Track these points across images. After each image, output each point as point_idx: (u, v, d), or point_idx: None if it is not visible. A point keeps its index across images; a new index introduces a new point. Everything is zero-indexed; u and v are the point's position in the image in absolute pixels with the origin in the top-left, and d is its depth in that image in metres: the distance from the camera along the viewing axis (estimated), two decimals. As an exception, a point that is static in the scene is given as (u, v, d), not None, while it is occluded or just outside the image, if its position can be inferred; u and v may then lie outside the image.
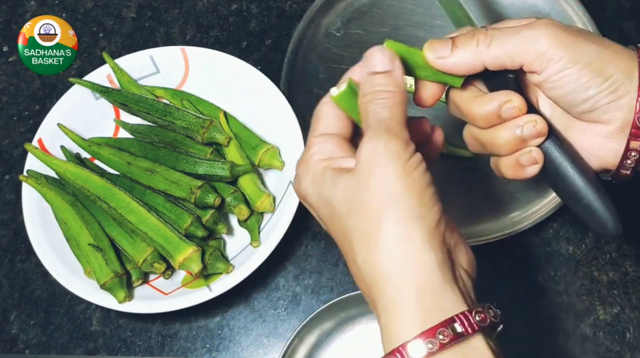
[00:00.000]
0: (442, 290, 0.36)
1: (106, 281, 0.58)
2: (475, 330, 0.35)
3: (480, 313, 0.36)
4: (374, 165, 0.38)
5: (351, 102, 0.42)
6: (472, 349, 0.36)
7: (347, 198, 0.38)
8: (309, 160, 0.41)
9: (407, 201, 0.37)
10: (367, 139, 0.39)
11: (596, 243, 0.64)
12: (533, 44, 0.41)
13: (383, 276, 0.37)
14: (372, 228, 0.37)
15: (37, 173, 0.64)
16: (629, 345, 0.61)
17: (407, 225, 0.37)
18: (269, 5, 0.77)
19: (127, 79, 0.68)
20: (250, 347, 0.62)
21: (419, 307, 0.36)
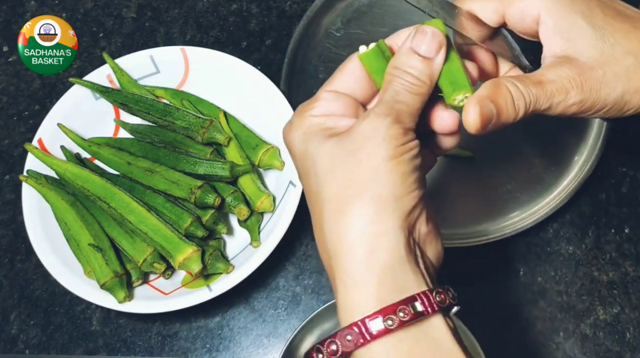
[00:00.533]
0: (405, 270, 0.37)
1: (106, 281, 0.58)
2: (435, 310, 0.36)
3: (441, 293, 0.37)
4: (370, 138, 0.38)
5: (377, 64, 0.40)
6: (431, 327, 0.36)
7: (332, 159, 0.38)
8: (308, 112, 0.41)
9: (390, 180, 0.37)
10: (375, 113, 0.38)
11: (596, 244, 0.64)
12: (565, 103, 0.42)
13: (347, 250, 0.37)
14: (348, 198, 0.37)
15: (37, 173, 0.64)
16: (629, 345, 0.61)
17: (384, 203, 0.37)
18: (269, 5, 0.77)
19: (127, 79, 0.68)
20: (250, 347, 0.62)
21: (380, 285, 0.36)
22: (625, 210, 0.66)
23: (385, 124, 0.38)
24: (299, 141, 0.40)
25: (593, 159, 0.65)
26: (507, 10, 0.43)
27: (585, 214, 0.66)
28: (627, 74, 0.41)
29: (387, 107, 0.39)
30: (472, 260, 0.64)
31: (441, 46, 0.39)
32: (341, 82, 0.42)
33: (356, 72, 0.42)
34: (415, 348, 0.35)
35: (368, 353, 0.35)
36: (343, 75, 0.42)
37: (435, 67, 0.40)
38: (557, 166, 0.67)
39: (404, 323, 0.35)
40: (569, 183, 0.65)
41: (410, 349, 0.35)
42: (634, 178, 0.67)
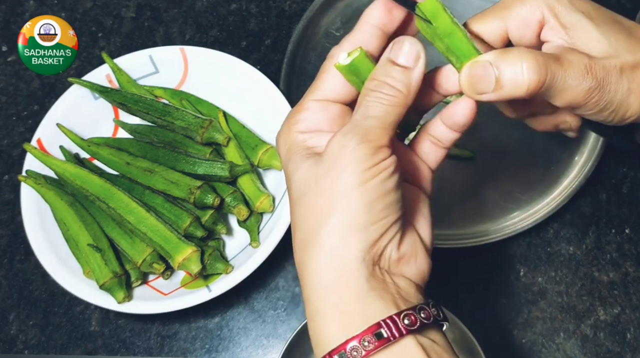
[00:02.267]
0: (370, 298, 0.36)
1: (105, 281, 0.58)
2: (403, 334, 0.35)
3: (410, 316, 0.36)
4: (336, 161, 0.36)
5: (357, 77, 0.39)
6: (404, 350, 0.35)
7: (303, 185, 0.37)
8: (293, 126, 0.40)
9: (355, 210, 0.36)
10: (341, 133, 0.37)
11: (597, 244, 0.64)
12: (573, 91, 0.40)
13: (312, 282, 0.36)
14: (314, 227, 0.36)
15: (36, 173, 0.64)
16: (630, 345, 0.61)
17: (347, 234, 0.36)
18: (269, 5, 0.77)
19: (126, 78, 0.68)
20: (250, 348, 0.62)
21: (345, 318, 0.36)
22: (626, 211, 0.66)
23: (352, 143, 0.36)
24: (284, 158, 0.40)
25: (593, 159, 0.64)
26: (509, 24, 0.42)
27: (585, 214, 0.66)
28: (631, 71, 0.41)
29: (354, 125, 0.37)
30: (473, 260, 0.64)
31: (419, 55, 0.38)
32: (326, 88, 0.40)
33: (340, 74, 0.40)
34: None
35: None
36: (327, 79, 0.40)
37: (414, 76, 0.38)
38: (557, 166, 0.67)
39: (370, 352, 0.34)
40: (569, 184, 0.64)
41: None
42: (635, 178, 0.67)
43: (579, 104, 0.41)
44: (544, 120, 0.47)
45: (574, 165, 0.66)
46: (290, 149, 0.39)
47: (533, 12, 0.41)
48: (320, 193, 0.36)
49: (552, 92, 0.40)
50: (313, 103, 0.40)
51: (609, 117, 0.42)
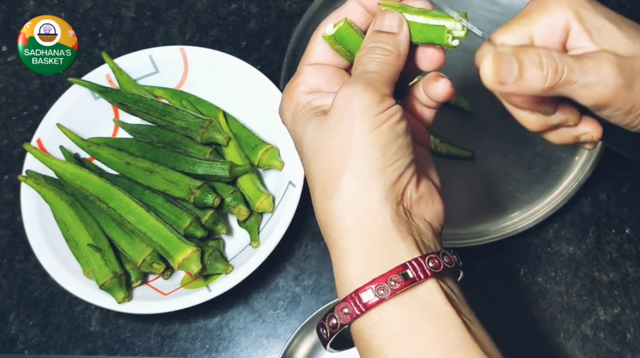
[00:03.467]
0: (395, 240, 0.37)
1: (105, 281, 0.58)
2: (428, 276, 0.36)
3: (433, 259, 0.37)
4: (344, 112, 0.38)
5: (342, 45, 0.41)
6: (425, 292, 0.36)
7: (315, 142, 0.39)
8: (294, 90, 0.42)
9: (371, 153, 0.37)
10: (346, 85, 0.39)
11: (597, 244, 0.64)
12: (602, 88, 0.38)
13: (337, 226, 0.38)
14: (332, 177, 0.38)
15: (36, 173, 0.64)
16: (630, 345, 0.61)
17: (366, 178, 0.37)
18: (269, 5, 0.77)
19: (126, 78, 0.68)
20: (250, 348, 0.62)
21: (371, 258, 0.37)
22: (626, 211, 0.66)
23: (357, 91, 0.38)
24: (290, 124, 0.41)
25: (593, 159, 0.64)
26: (534, 32, 0.41)
27: (585, 214, 0.66)
28: None
29: (357, 78, 0.39)
30: (472, 260, 0.64)
31: (402, 21, 0.41)
32: (318, 52, 0.42)
33: None
34: (410, 313, 0.36)
35: (364, 322, 0.36)
36: (318, 45, 0.42)
37: (401, 39, 0.41)
38: (557, 166, 0.67)
39: (396, 291, 0.36)
40: (570, 184, 0.64)
41: (405, 315, 0.36)
42: (635, 178, 0.67)
43: (607, 102, 0.39)
44: (565, 132, 0.45)
45: (574, 165, 0.66)
46: (295, 112, 0.41)
47: (557, 18, 0.41)
48: (334, 144, 0.38)
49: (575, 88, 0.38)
50: (307, 67, 0.42)
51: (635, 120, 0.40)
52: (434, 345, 0.36)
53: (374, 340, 0.36)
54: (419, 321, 0.36)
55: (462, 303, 0.38)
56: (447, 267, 0.38)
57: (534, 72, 0.37)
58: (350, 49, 0.42)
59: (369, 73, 0.39)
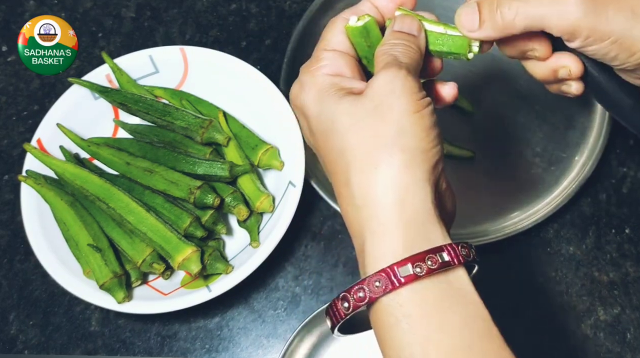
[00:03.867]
0: (432, 221, 0.38)
1: (105, 281, 0.58)
2: (461, 262, 0.37)
3: (465, 248, 0.38)
4: (389, 93, 0.38)
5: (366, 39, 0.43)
6: (456, 278, 0.37)
7: (353, 115, 0.39)
8: (317, 71, 0.42)
9: (416, 133, 0.38)
10: (387, 69, 0.39)
11: (597, 244, 0.64)
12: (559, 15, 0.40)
13: (377, 201, 0.37)
14: (376, 151, 0.38)
15: (36, 173, 0.64)
16: (630, 345, 0.61)
17: (413, 155, 0.38)
18: (269, 5, 0.77)
19: (126, 78, 0.68)
20: (250, 348, 0.62)
21: (409, 235, 0.37)
22: (626, 211, 0.66)
23: (401, 76, 0.39)
24: (313, 102, 0.41)
25: (593, 159, 0.64)
26: None
27: (585, 214, 0.66)
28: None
29: (395, 64, 0.40)
30: (472, 260, 0.64)
31: (421, 27, 0.43)
32: (338, 41, 0.43)
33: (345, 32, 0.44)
34: (441, 296, 0.36)
35: (395, 298, 0.36)
36: (336, 35, 0.43)
37: (420, 41, 0.43)
38: (557, 166, 0.67)
39: (432, 271, 0.36)
40: (570, 184, 0.64)
41: (436, 296, 0.36)
42: (635, 178, 0.67)
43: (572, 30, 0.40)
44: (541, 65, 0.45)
45: (574, 165, 0.66)
46: (321, 90, 0.41)
47: None
48: (379, 120, 0.38)
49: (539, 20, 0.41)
50: (327, 52, 0.43)
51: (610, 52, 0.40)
52: (461, 331, 0.36)
53: (403, 317, 0.36)
54: (448, 305, 0.36)
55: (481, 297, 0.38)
56: (475, 258, 0.38)
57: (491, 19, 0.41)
58: (370, 44, 0.43)
59: (404, 63, 0.40)
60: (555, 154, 0.67)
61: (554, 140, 0.68)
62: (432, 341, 0.35)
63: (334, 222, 0.66)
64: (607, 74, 0.45)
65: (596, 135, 0.66)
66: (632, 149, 0.68)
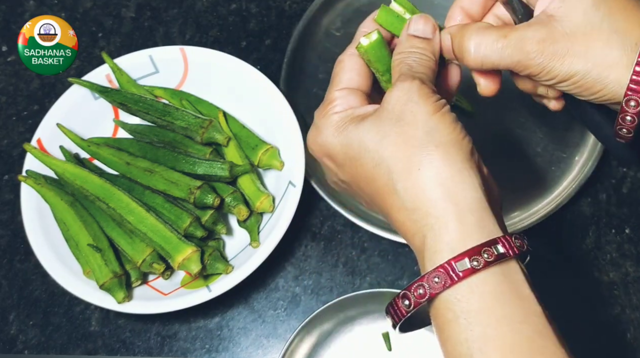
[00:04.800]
0: (484, 211, 0.38)
1: (105, 281, 0.58)
2: (516, 254, 0.37)
3: (518, 239, 0.38)
4: (407, 101, 0.40)
5: (379, 53, 0.45)
6: (510, 271, 0.37)
7: (379, 130, 0.40)
8: (330, 111, 0.44)
9: (444, 129, 0.39)
10: (400, 82, 0.41)
11: (597, 244, 0.64)
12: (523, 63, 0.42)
13: (428, 198, 0.38)
14: (412, 154, 0.39)
15: (36, 173, 0.64)
16: (630, 345, 0.61)
17: (448, 148, 0.39)
18: (269, 5, 0.77)
19: (126, 78, 0.68)
20: (250, 348, 0.62)
21: (464, 226, 0.37)
22: (626, 211, 0.66)
23: (415, 85, 0.41)
24: (334, 136, 0.43)
25: (593, 159, 0.64)
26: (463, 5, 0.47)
27: (585, 214, 0.66)
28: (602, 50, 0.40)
29: (408, 75, 0.42)
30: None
31: (435, 28, 0.45)
32: (348, 79, 0.45)
33: (356, 67, 0.45)
34: (497, 288, 0.36)
35: (454, 293, 0.36)
36: (346, 72, 0.45)
37: (435, 44, 0.44)
38: (557, 166, 0.67)
39: (488, 264, 0.36)
40: (570, 184, 0.64)
41: (493, 289, 0.36)
42: (635, 178, 0.67)
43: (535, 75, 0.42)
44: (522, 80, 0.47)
45: (574, 165, 0.66)
46: (339, 124, 0.43)
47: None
48: (405, 126, 0.40)
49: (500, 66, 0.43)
50: (338, 92, 0.44)
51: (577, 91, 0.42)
52: (520, 326, 0.36)
53: (461, 313, 0.36)
54: (506, 299, 0.36)
55: (535, 290, 0.38)
56: (529, 249, 0.38)
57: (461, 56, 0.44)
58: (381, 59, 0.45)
59: (418, 73, 0.42)
60: (555, 154, 0.67)
61: (554, 140, 0.68)
62: (490, 338, 0.35)
63: (333, 222, 0.66)
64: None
65: (596, 135, 0.66)
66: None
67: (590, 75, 0.40)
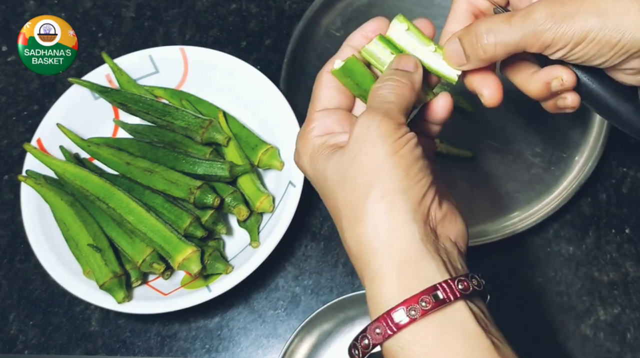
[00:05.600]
0: (425, 259, 0.38)
1: (105, 281, 0.58)
2: (457, 297, 0.37)
3: (463, 281, 0.38)
4: (365, 140, 0.39)
5: (351, 78, 0.44)
6: (455, 313, 0.37)
7: (338, 172, 0.40)
8: (308, 135, 0.44)
9: (394, 175, 0.39)
10: (364, 115, 0.41)
11: (597, 244, 0.64)
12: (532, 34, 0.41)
13: (367, 250, 0.39)
14: (359, 202, 0.39)
15: (36, 173, 0.64)
16: (630, 345, 0.61)
17: (393, 198, 0.38)
18: (269, 5, 0.77)
19: (126, 78, 0.68)
20: (250, 348, 0.62)
21: (402, 278, 0.38)
22: (626, 211, 0.66)
23: (376, 121, 0.40)
24: (309, 165, 0.43)
25: (593, 159, 0.64)
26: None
27: (585, 214, 0.66)
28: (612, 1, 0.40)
29: (375, 108, 0.41)
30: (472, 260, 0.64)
31: (417, 65, 0.44)
32: (326, 98, 0.45)
33: (334, 83, 0.45)
34: (441, 333, 0.37)
35: (396, 342, 0.37)
36: (325, 90, 0.45)
37: (415, 77, 0.43)
38: (557, 166, 0.67)
39: (427, 311, 0.36)
40: (570, 184, 0.64)
41: (436, 334, 0.37)
42: (635, 178, 0.67)
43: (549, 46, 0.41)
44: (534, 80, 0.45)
45: (574, 165, 0.66)
46: (313, 153, 0.43)
47: None
48: (357, 170, 0.39)
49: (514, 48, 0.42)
50: (317, 114, 0.44)
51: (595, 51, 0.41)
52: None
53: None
54: (449, 341, 0.37)
55: (491, 324, 0.39)
56: (476, 289, 0.39)
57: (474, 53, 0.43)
58: (358, 82, 0.44)
59: (386, 103, 0.41)
60: (555, 154, 0.67)
61: (554, 140, 0.68)
62: None
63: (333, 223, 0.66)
64: (601, 81, 0.45)
65: (596, 135, 0.66)
66: (632, 148, 0.68)
67: (606, 27, 0.39)
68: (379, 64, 0.45)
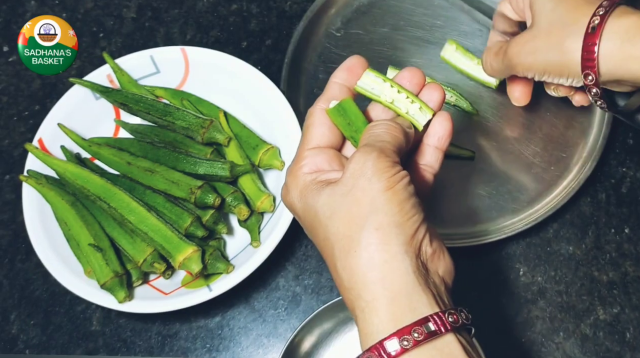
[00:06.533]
0: (416, 292, 0.39)
1: (106, 281, 0.58)
2: (448, 330, 0.38)
3: (453, 314, 0.39)
4: (361, 175, 0.40)
5: (344, 118, 0.45)
6: (445, 345, 0.38)
7: (331, 205, 0.41)
8: (298, 172, 0.44)
9: (388, 210, 0.40)
10: (360, 152, 0.41)
11: (596, 244, 0.65)
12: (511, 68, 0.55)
13: (360, 280, 0.39)
14: (353, 234, 0.40)
15: (38, 173, 0.64)
16: (629, 345, 0.61)
17: (387, 230, 0.39)
18: (269, 5, 0.77)
19: (127, 78, 0.68)
20: (250, 347, 0.62)
21: (395, 309, 0.38)
22: (625, 210, 0.66)
23: (372, 158, 0.41)
24: (298, 200, 0.44)
25: (593, 158, 0.65)
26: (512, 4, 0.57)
27: (585, 214, 0.66)
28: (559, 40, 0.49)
29: (370, 145, 0.42)
30: (472, 259, 0.64)
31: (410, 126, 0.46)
32: (317, 136, 0.45)
33: (326, 121, 0.45)
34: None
35: None
36: (316, 128, 0.46)
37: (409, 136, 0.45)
38: (557, 166, 0.67)
39: (419, 342, 0.37)
40: (569, 183, 0.65)
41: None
42: (634, 178, 0.67)
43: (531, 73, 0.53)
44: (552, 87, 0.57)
45: (573, 165, 0.66)
46: (303, 188, 0.43)
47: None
48: (352, 203, 0.40)
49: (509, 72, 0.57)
50: (308, 151, 0.45)
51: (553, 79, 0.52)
52: None
53: None
54: None
55: (478, 356, 0.40)
56: (465, 323, 0.39)
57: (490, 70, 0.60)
58: (350, 121, 0.45)
59: (381, 141, 0.42)
60: (555, 154, 0.67)
61: (554, 140, 0.68)
62: None
63: (334, 222, 0.66)
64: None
65: (596, 135, 0.66)
66: (631, 148, 0.68)
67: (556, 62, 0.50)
68: (375, 95, 0.46)
